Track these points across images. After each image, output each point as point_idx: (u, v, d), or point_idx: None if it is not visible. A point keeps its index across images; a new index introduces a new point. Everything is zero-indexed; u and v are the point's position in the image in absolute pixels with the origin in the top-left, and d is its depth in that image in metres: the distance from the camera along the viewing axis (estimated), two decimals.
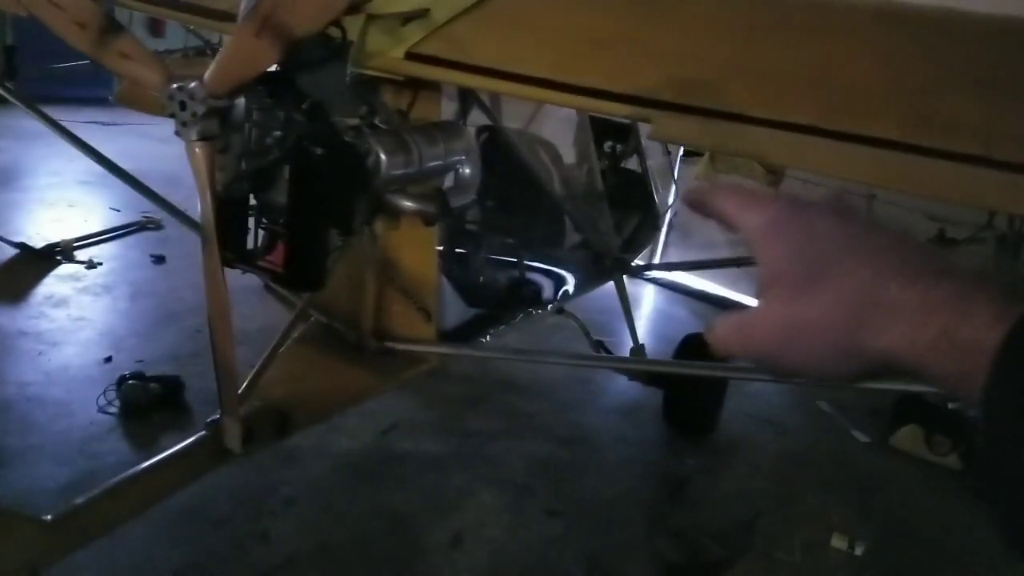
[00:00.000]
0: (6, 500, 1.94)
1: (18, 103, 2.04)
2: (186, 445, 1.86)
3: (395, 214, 1.87)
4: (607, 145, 3.29)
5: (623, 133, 3.28)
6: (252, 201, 1.71)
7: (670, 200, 4.14)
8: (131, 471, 1.77)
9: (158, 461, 1.80)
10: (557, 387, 3.28)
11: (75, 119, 3.78)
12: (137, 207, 4.47)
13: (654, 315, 4.54)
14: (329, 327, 2.32)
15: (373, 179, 1.67)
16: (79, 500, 1.56)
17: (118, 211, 4.61)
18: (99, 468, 1.73)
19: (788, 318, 0.45)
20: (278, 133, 1.57)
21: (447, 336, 2.29)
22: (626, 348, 3.15)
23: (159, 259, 4.10)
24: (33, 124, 2.22)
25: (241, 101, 1.50)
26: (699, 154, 4.31)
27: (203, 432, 1.87)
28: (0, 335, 3.17)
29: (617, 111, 1.41)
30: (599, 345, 2.97)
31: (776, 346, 0.46)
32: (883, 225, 0.46)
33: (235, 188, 1.75)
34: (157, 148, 1.89)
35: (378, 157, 1.63)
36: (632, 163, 3.42)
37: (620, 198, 3.08)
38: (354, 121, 1.64)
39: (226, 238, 1.74)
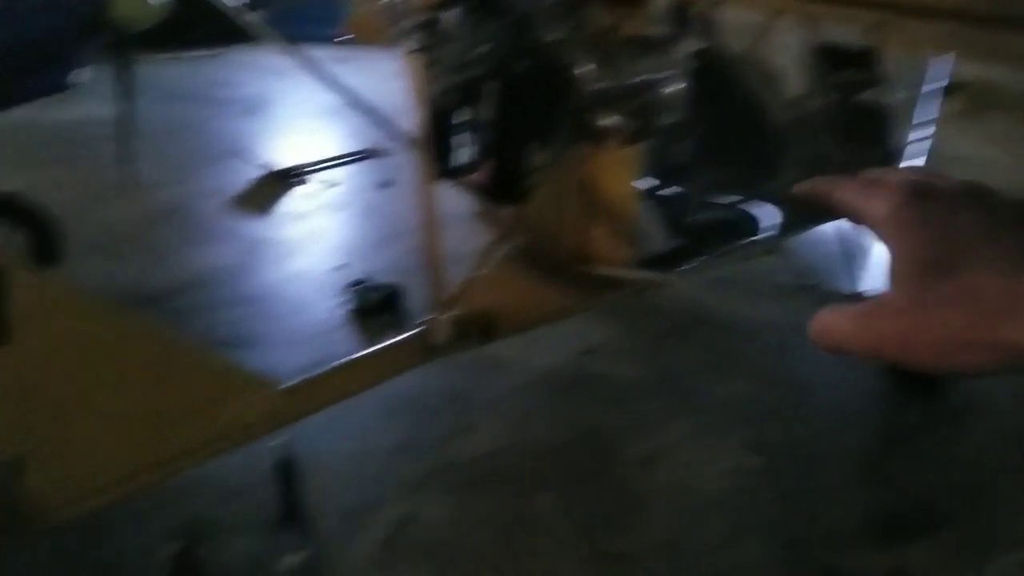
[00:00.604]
0: None
1: (265, 36, 2.24)
2: (401, 339, 2.04)
3: (598, 132, 1.88)
4: (842, 74, 3.02)
5: (862, 61, 3.00)
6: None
7: (913, 137, 3.75)
8: (354, 356, 1.98)
9: (377, 350, 2.00)
10: (767, 328, 3.14)
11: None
12: (369, 136, 4.86)
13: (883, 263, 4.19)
14: (533, 246, 2.40)
15: (576, 94, 1.69)
16: (309, 375, 1.79)
17: (352, 139, 5.00)
18: (329, 356, 1.97)
19: (917, 307, 0.41)
20: (485, 47, 1.62)
21: (648, 263, 2.28)
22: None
23: (387, 183, 4.40)
24: (273, 60, 2.45)
25: (452, 15, 1.56)
26: (958, 89, 3.84)
27: (415, 329, 2.04)
28: (250, 242, 3.63)
29: (853, 18, 1.30)
30: (813, 288, 2.82)
31: (901, 336, 0.42)
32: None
33: (445, 101, 1.84)
34: (384, 83, 2.05)
35: (581, 71, 1.64)
36: (871, 95, 3.12)
37: (852, 133, 2.84)
38: (560, 35, 1.65)
39: (436, 151, 1.85)
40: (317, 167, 4.53)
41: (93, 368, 1.37)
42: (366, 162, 4.69)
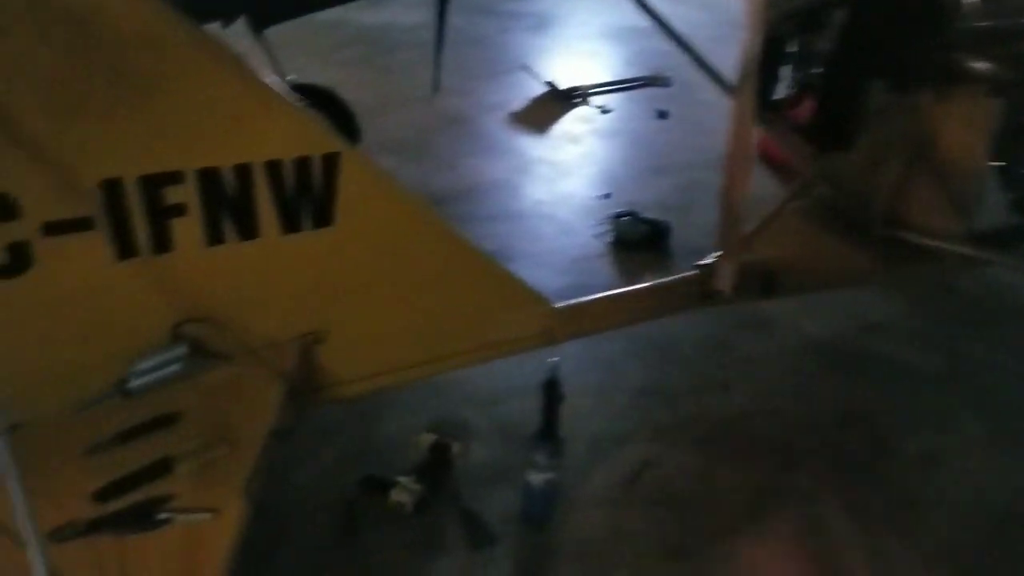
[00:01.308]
0: None
1: None
2: (675, 279, 1.94)
3: (960, 77, 1.59)
4: None
5: None
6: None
7: None
8: (624, 289, 1.91)
9: (648, 287, 1.91)
10: None
11: None
12: (648, 64, 4.69)
13: None
14: (833, 201, 2.15)
15: (947, 29, 1.43)
16: (581, 300, 1.75)
17: (633, 65, 4.86)
18: (588, 283, 1.93)
19: None
20: None
21: (973, 239, 1.95)
22: None
23: (662, 115, 4.24)
24: None
25: None
26: None
27: (692, 271, 1.92)
28: (525, 160, 3.68)
29: None
30: None
31: None
32: None
33: (782, 28, 1.65)
34: (670, 8, 1.92)
35: (962, 2, 1.38)
36: None
37: None
38: None
39: (760, 83, 1.67)
40: (596, 90, 4.46)
41: (397, 258, 1.42)
42: (642, 91, 4.55)
